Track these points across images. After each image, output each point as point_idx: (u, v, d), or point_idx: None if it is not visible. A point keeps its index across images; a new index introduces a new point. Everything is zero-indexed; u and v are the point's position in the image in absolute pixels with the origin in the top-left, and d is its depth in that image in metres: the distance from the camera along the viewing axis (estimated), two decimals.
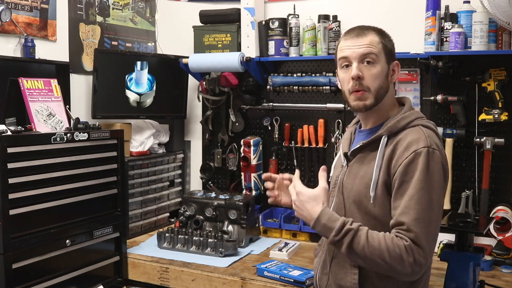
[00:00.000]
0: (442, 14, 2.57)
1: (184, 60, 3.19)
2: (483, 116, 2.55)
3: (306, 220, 1.58)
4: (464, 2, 2.54)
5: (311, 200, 1.55)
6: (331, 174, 1.81)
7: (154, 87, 3.21)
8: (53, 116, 2.44)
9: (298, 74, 3.05)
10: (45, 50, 2.79)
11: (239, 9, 3.10)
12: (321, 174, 1.60)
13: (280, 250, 2.66)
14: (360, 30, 1.62)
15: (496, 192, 2.63)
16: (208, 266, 2.49)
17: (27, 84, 2.38)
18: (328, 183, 1.66)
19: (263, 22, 3.06)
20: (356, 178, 1.62)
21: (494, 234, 2.30)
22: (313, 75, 3.02)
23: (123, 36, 3.38)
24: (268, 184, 1.84)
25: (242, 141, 3.15)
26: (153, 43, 3.62)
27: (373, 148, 1.61)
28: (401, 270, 1.45)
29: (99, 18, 3.20)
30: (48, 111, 2.42)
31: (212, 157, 3.38)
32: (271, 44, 3.02)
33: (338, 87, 2.86)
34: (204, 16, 3.22)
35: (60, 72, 2.79)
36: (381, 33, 1.63)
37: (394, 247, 1.44)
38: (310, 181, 3.07)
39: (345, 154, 1.68)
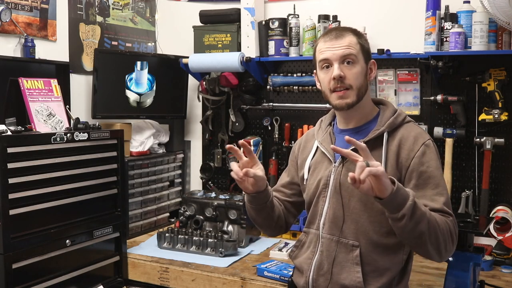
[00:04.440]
0: (442, 14, 2.57)
1: (184, 60, 3.19)
2: (483, 116, 2.56)
3: (387, 190, 1.40)
4: (464, 2, 2.54)
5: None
6: (305, 177, 1.80)
7: (154, 87, 3.21)
8: (53, 116, 2.44)
9: (298, 74, 3.05)
10: (45, 50, 2.79)
11: (239, 9, 3.10)
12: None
13: (280, 250, 2.66)
14: (338, 32, 1.66)
15: (496, 192, 2.63)
16: (208, 266, 2.50)
17: (27, 84, 2.38)
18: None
19: (263, 22, 3.06)
20: None
21: (494, 234, 2.30)
22: (313, 75, 3.01)
23: (123, 36, 3.38)
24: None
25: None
26: (153, 43, 3.62)
27: (370, 146, 1.60)
28: (450, 247, 1.54)
29: (99, 18, 3.20)
30: (48, 111, 2.42)
31: (212, 157, 3.38)
32: (271, 44, 3.01)
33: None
34: (204, 16, 3.21)
35: (60, 72, 2.78)
36: (357, 33, 1.68)
37: (444, 222, 1.52)
38: None
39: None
